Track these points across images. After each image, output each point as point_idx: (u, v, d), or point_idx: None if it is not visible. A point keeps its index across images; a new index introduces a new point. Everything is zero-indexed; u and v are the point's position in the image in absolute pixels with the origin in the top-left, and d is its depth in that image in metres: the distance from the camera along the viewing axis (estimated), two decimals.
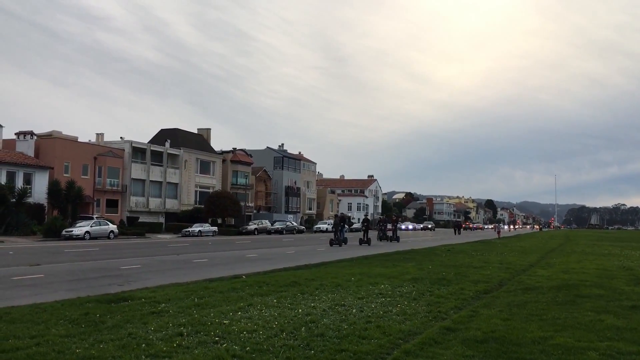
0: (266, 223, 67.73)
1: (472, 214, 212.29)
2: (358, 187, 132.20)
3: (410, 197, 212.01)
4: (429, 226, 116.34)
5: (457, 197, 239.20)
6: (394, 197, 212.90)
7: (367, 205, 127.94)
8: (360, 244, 36.27)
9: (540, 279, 15.01)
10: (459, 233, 69.08)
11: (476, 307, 10.19)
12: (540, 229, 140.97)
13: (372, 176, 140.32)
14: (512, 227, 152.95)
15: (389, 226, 44.37)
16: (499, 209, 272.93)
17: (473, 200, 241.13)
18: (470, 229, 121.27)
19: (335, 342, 7.09)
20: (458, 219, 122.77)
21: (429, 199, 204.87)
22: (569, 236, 68.02)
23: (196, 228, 53.97)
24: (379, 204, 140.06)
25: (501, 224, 73.44)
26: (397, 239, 41.78)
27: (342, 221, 36.32)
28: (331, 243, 34.13)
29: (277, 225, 68.03)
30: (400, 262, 19.83)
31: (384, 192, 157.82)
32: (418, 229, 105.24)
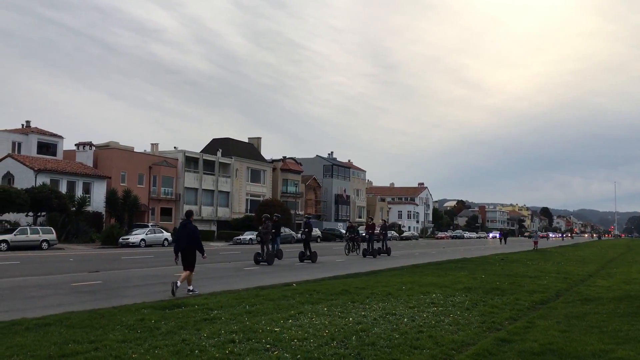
0: (316, 231, 67.90)
1: (527, 222, 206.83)
2: (408, 195, 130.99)
3: (462, 205, 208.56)
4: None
5: (511, 205, 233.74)
6: (445, 205, 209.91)
7: (417, 213, 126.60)
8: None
9: (600, 289, 14.45)
10: (505, 242, 67.02)
11: (532, 318, 9.88)
12: (599, 237, 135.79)
13: (423, 184, 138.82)
14: (566, 235, 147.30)
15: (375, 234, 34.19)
16: (555, 217, 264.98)
17: (527, 208, 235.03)
18: (546, 238, 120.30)
19: (387, 352, 7.00)
20: (504, 228, 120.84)
21: (482, 207, 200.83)
22: (631, 245, 65.30)
23: (247, 236, 54.63)
24: (430, 212, 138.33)
25: (538, 232, 67.76)
26: (388, 252, 32.51)
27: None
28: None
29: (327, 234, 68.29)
30: (452, 271, 19.49)
31: (434, 199, 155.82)
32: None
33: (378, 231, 32.51)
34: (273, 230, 24.31)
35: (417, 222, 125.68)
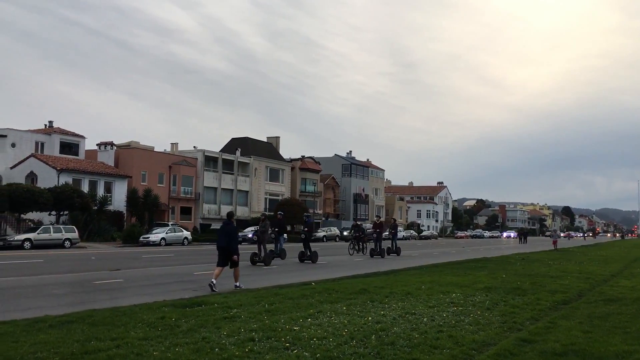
0: (334, 230, 67.88)
1: (548, 222, 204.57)
2: (427, 194, 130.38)
3: (481, 204, 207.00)
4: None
5: (532, 204, 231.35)
6: (465, 204, 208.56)
7: (437, 212, 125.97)
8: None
9: (623, 289, 14.22)
10: (525, 242, 65.99)
11: (554, 318, 9.77)
12: (622, 236, 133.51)
13: (442, 183, 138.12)
14: (588, 234, 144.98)
15: (385, 233, 33.81)
16: (576, 216, 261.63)
17: (549, 208, 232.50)
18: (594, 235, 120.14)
19: (406, 352, 6.98)
20: (524, 228, 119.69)
21: (502, 206, 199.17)
22: None
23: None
24: (449, 211, 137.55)
25: (558, 232, 65.74)
26: (398, 251, 31.09)
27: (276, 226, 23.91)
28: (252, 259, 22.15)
29: (346, 233, 68.05)
30: (472, 271, 19.34)
31: (454, 199, 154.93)
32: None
33: (388, 230, 32.12)
34: (276, 229, 23.55)
35: (437, 221, 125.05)
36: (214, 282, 13.03)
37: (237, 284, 13.66)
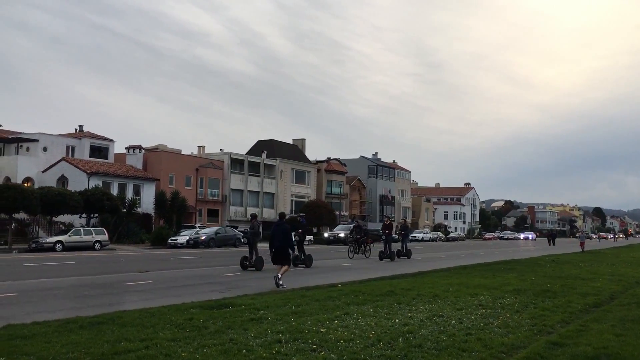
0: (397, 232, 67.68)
1: (579, 223, 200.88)
2: (454, 195, 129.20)
3: (510, 205, 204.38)
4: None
5: (562, 205, 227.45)
6: (493, 205, 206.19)
7: (464, 213, 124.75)
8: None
9: None
10: (554, 244, 63.81)
11: (585, 321, 9.59)
12: None
13: (469, 184, 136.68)
14: (618, 235, 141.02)
15: (395, 235, 31.74)
16: (608, 217, 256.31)
17: (579, 209, 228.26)
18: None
19: (434, 354, 6.92)
20: (553, 229, 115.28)
21: (530, 207, 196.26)
22: None
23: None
24: (477, 212, 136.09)
25: (586, 233, 63.29)
26: (408, 254, 28.89)
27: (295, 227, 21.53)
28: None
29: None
30: (501, 273, 19.10)
31: (481, 200, 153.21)
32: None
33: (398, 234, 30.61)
34: (300, 232, 21.83)
35: (464, 222, 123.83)
36: (279, 276, 14.13)
37: (281, 282, 14.22)
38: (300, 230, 22.14)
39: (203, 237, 42.13)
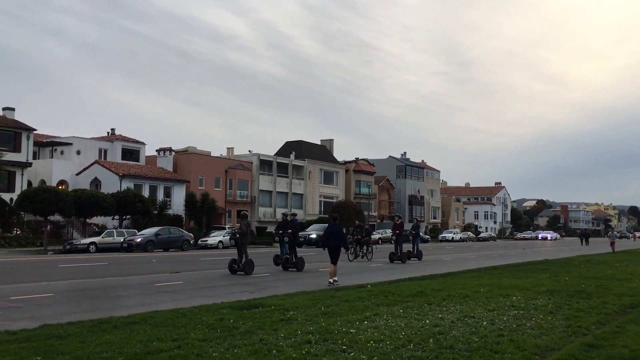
0: (389, 232, 67.39)
1: (614, 222, 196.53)
2: (485, 195, 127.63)
3: (542, 204, 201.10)
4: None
5: (596, 204, 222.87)
6: (524, 204, 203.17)
7: (494, 213, 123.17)
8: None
9: None
10: (587, 243, 61.08)
11: (622, 322, 9.36)
12: None
13: (500, 183, 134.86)
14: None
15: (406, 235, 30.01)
16: None
17: (614, 207, 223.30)
18: None
19: (466, 356, 6.84)
20: (586, 228, 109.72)
21: (564, 206, 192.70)
22: None
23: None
24: (508, 212, 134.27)
25: (615, 232, 59.38)
26: (419, 256, 27.14)
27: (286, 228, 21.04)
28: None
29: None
30: (534, 273, 18.80)
31: (513, 199, 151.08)
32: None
33: (408, 231, 29.35)
34: (281, 232, 20.78)
35: (495, 222, 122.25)
36: (334, 279, 15.09)
37: (333, 279, 15.16)
38: (289, 230, 20.72)
39: (139, 240, 36.65)
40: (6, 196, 41.73)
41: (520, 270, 20.47)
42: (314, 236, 44.80)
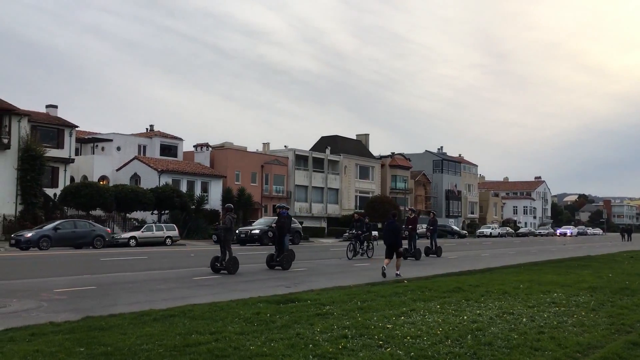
0: (424, 227, 66.84)
1: None
2: (524, 190, 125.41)
3: (584, 199, 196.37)
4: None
5: None
6: (565, 199, 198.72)
7: (534, 208, 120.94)
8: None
9: None
10: (630, 239, 58.14)
11: None
12: None
13: (540, 177, 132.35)
14: None
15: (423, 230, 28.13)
16: None
17: None
18: None
19: (505, 352, 6.73)
20: (628, 224, 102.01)
21: (606, 201, 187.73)
22: None
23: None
24: (548, 207, 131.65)
25: None
26: (438, 252, 25.97)
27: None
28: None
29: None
30: (575, 270, 18.38)
31: (553, 194, 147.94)
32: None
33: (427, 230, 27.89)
34: (275, 225, 19.06)
35: (534, 217, 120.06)
36: (385, 267, 15.78)
37: (398, 272, 16.00)
38: (274, 225, 19.20)
39: (29, 235, 29.83)
40: (50, 191, 42.95)
41: (561, 266, 20.05)
42: (256, 232, 38.75)
